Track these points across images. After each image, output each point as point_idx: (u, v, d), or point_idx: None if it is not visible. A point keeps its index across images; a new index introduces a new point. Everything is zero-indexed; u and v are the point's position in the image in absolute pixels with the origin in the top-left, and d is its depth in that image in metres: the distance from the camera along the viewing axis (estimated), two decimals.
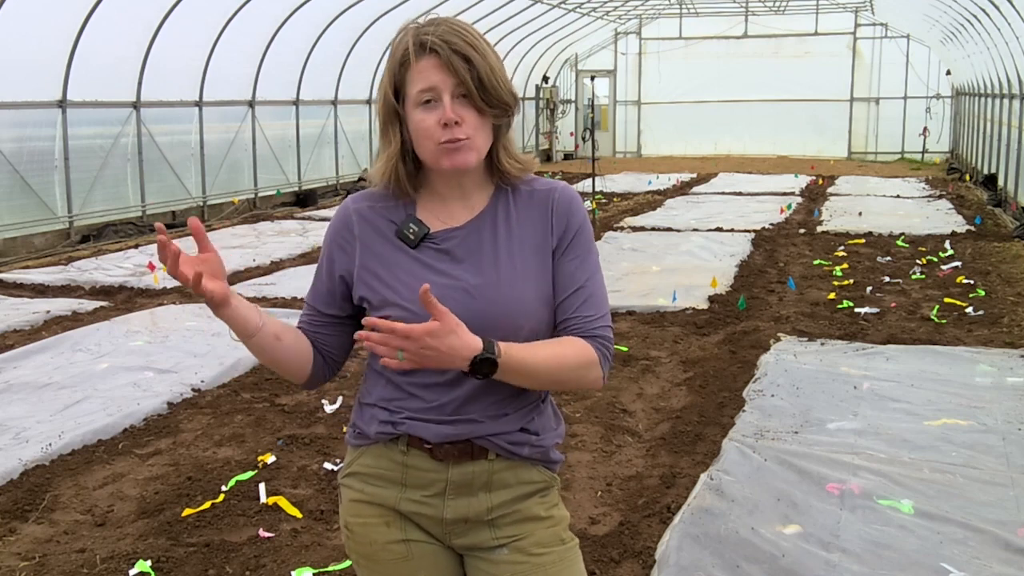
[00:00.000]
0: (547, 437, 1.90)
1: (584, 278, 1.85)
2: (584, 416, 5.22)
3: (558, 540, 1.91)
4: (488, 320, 1.77)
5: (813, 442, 4.74)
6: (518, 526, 1.88)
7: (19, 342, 6.73)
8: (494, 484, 1.86)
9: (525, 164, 1.88)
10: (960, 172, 18.38)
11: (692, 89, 23.97)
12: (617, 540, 3.81)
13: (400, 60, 1.77)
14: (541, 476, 1.91)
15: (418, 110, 1.75)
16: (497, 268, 1.81)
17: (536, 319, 1.83)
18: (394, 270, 1.83)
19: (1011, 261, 9.60)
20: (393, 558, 1.89)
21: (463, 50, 1.72)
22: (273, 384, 5.84)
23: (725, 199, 15.42)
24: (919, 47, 22.24)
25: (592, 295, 1.86)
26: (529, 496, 1.89)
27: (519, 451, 1.86)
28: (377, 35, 15.80)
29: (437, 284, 1.78)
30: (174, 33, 11.79)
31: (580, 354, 1.81)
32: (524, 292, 1.81)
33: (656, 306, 7.74)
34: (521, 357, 1.72)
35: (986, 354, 6.24)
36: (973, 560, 3.54)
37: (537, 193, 1.88)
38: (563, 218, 1.86)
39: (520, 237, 1.84)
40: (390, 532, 1.88)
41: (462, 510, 1.86)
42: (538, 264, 1.84)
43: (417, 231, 1.83)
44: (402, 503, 1.87)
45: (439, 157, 1.76)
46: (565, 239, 1.86)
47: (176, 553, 3.72)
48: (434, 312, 1.61)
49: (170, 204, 12.63)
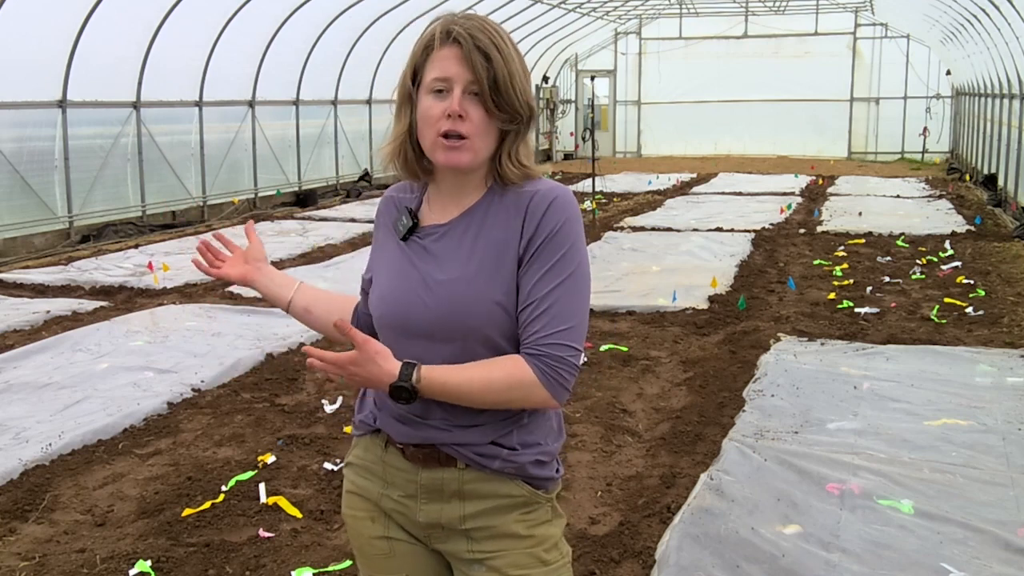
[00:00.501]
0: (525, 453, 1.81)
1: (544, 290, 1.72)
2: (584, 416, 5.22)
3: (538, 562, 1.83)
4: (440, 317, 1.76)
5: (813, 442, 4.74)
6: (495, 542, 1.83)
7: (19, 342, 6.73)
8: (466, 493, 1.82)
9: (525, 170, 1.80)
10: (960, 172, 18.38)
11: (692, 89, 23.96)
12: (617, 540, 3.81)
13: (425, 44, 1.77)
14: (520, 491, 1.82)
15: (428, 96, 1.75)
16: (462, 268, 1.77)
17: (491, 323, 1.74)
18: (383, 259, 1.90)
19: (1011, 261, 9.60)
20: (378, 553, 1.90)
21: (485, 48, 1.71)
22: (273, 384, 5.84)
23: (725, 199, 15.42)
24: (919, 47, 22.24)
25: (550, 308, 1.71)
26: (507, 511, 1.83)
27: (489, 464, 1.80)
28: (377, 35, 15.80)
29: (407, 277, 1.81)
30: (174, 33, 11.78)
31: (511, 376, 1.71)
32: (481, 294, 1.74)
33: (656, 306, 7.74)
34: (443, 381, 1.69)
35: (986, 354, 6.24)
36: (973, 560, 3.54)
37: (522, 194, 1.79)
38: (534, 221, 1.74)
39: (489, 238, 1.77)
40: (375, 528, 1.90)
41: (434, 515, 1.85)
42: (498, 266, 1.75)
43: (405, 223, 1.86)
44: (383, 500, 1.89)
45: (435, 149, 1.76)
46: (533, 245, 1.74)
47: (176, 553, 3.72)
48: (354, 341, 1.66)
49: (170, 204, 12.63)
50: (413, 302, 1.78)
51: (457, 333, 1.75)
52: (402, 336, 1.80)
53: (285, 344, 6.62)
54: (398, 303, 1.81)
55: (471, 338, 1.74)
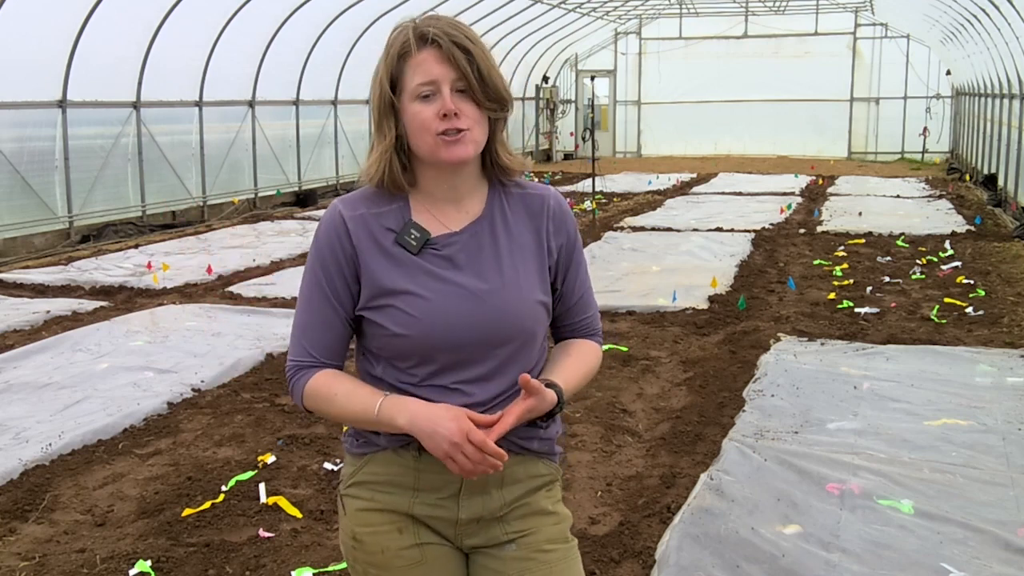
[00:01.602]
0: (552, 429, 1.92)
1: (585, 285, 1.98)
2: (584, 416, 5.22)
3: (564, 538, 1.93)
4: (497, 325, 1.79)
5: (813, 442, 4.73)
6: (527, 520, 1.90)
7: (19, 342, 6.73)
8: (506, 480, 1.87)
9: (522, 161, 1.91)
10: (960, 172, 18.37)
11: (692, 89, 23.96)
12: (617, 540, 3.81)
13: (399, 52, 1.76)
14: (548, 469, 1.94)
15: (416, 103, 1.75)
16: (501, 273, 1.82)
17: (540, 322, 1.88)
18: (391, 278, 1.79)
19: (1011, 261, 9.60)
20: (406, 564, 1.87)
21: (463, 43, 1.74)
22: (273, 384, 5.84)
23: (725, 199, 15.42)
24: (919, 47, 22.23)
25: (589, 297, 2.00)
26: (537, 490, 1.92)
27: (529, 445, 1.89)
28: (377, 35, 15.79)
29: (441, 291, 1.78)
30: (174, 33, 11.78)
31: (597, 357, 1.99)
32: (528, 296, 1.84)
33: (656, 306, 7.73)
34: (572, 389, 1.87)
35: (986, 354, 6.24)
36: (973, 560, 3.54)
37: (529, 197, 1.91)
38: (561, 227, 1.91)
39: (520, 243, 1.87)
40: (403, 538, 1.86)
41: (477, 509, 1.86)
42: (537, 269, 1.88)
43: (419, 237, 1.81)
44: (415, 507, 1.86)
45: (437, 149, 1.76)
46: (567, 249, 1.93)
47: (176, 553, 3.72)
48: (536, 391, 1.73)
49: (170, 204, 12.63)
50: (462, 313, 1.78)
51: (512, 337, 1.81)
52: (448, 351, 1.79)
53: (285, 344, 6.62)
54: (444, 316, 1.77)
55: (521, 338, 1.83)
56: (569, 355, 1.93)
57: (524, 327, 1.83)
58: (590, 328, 1.99)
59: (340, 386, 1.81)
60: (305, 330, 1.86)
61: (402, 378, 1.82)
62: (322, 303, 1.83)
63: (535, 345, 1.87)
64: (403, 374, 1.82)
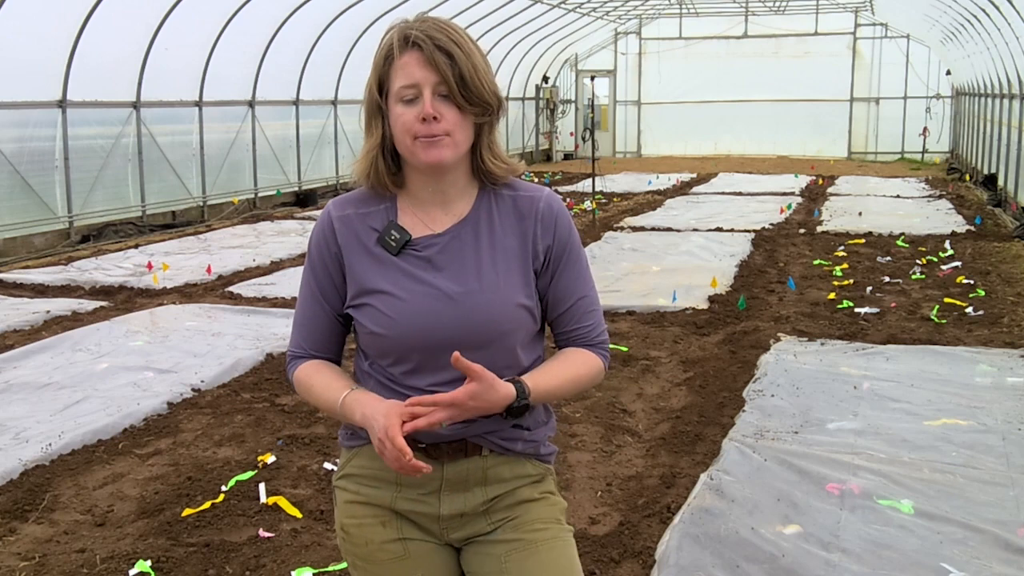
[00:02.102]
0: (539, 432, 1.92)
1: (583, 289, 1.91)
2: (584, 416, 5.22)
3: (555, 519, 1.93)
4: (471, 328, 1.79)
5: (813, 442, 4.73)
6: (512, 509, 1.91)
7: (19, 342, 6.73)
8: (489, 479, 1.88)
9: (511, 165, 1.88)
10: (960, 172, 18.37)
11: (692, 89, 23.96)
12: (617, 540, 3.81)
13: (384, 55, 1.79)
14: (536, 470, 1.94)
15: (399, 105, 1.77)
16: (479, 276, 1.81)
17: (520, 326, 1.84)
18: (372, 278, 1.83)
19: (1011, 261, 9.60)
20: (390, 557, 1.89)
21: (446, 46, 1.73)
22: (273, 384, 5.84)
23: (725, 199, 15.42)
24: (919, 47, 22.23)
25: (590, 303, 1.92)
26: (523, 488, 1.93)
27: (512, 447, 1.88)
28: (377, 35, 15.50)
29: (416, 292, 1.80)
30: (174, 33, 11.78)
31: (592, 368, 1.91)
32: (507, 299, 1.82)
33: (656, 306, 7.74)
34: (546, 390, 1.82)
35: (986, 354, 6.24)
36: (973, 560, 3.54)
37: (520, 200, 1.88)
38: (549, 230, 1.87)
39: (504, 245, 1.85)
40: (386, 532, 1.89)
41: (458, 505, 1.88)
42: (521, 271, 1.85)
43: (399, 238, 1.84)
44: (398, 502, 1.88)
45: (416, 151, 1.77)
46: (557, 252, 1.87)
47: (176, 553, 3.72)
48: (472, 373, 1.68)
49: (170, 204, 12.63)
50: (436, 315, 1.78)
51: (487, 340, 1.79)
52: (422, 352, 1.80)
53: (285, 344, 6.59)
54: (417, 318, 1.79)
55: (499, 343, 1.81)
56: (556, 359, 1.90)
57: (501, 330, 1.81)
58: (588, 339, 1.92)
59: (319, 377, 1.90)
60: (298, 324, 1.96)
61: (385, 374, 1.86)
62: (311, 299, 1.93)
63: (515, 349, 1.84)
64: (385, 371, 1.86)
